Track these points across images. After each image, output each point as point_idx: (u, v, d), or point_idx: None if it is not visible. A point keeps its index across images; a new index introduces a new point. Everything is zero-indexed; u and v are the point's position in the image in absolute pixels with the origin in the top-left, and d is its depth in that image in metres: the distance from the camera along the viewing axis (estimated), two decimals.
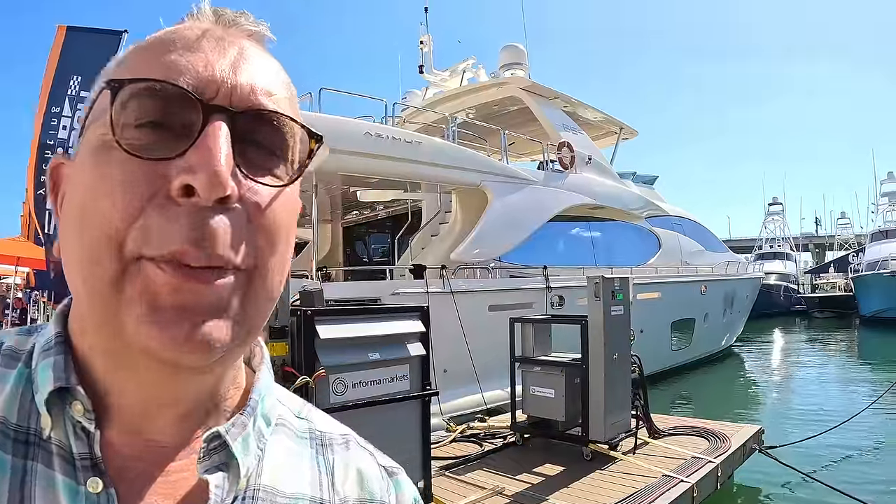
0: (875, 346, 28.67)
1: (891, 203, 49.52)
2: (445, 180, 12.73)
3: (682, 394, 16.17)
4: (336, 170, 10.97)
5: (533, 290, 13.11)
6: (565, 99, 17.54)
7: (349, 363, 5.30)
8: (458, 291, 11.33)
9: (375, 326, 5.59)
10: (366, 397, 5.38)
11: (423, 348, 5.88)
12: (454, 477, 7.22)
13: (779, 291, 47.15)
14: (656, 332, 16.77)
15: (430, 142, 12.39)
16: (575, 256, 15.56)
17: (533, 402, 8.40)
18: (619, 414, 8.04)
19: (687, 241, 20.76)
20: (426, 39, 19.07)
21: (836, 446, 10.55)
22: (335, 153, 10.46)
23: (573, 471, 7.37)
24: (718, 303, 21.08)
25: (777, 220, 65.61)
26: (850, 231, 67.60)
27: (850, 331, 35.55)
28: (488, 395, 11.08)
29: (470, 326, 10.73)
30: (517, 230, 13.55)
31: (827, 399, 15.49)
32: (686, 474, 7.03)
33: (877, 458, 10.28)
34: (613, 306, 8.00)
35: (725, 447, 8.04)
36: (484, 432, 9.13)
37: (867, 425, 11.90)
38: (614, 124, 20.10)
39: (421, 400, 5.86)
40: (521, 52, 18.31)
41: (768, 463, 8.69)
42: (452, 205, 13.93)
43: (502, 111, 18.52)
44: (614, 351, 7.92)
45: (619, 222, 17.55)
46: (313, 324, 5.13)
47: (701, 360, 20.16)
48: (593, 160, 16.97)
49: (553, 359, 8.53)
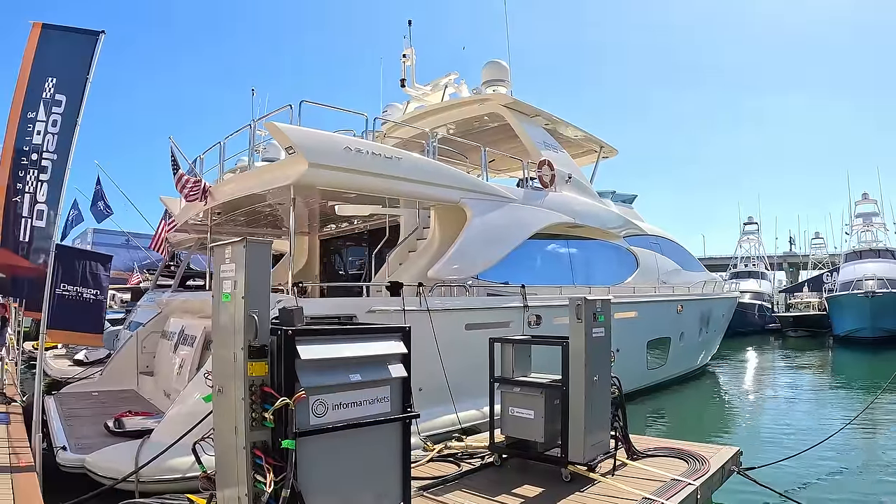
0: (848, 366, 29.07)
1: (865, 224, 50.04)
2: (424, 197, 12.68)
3: (657, 412, 16.23)
4: (314, 184, 10.89)
5: (510, 309, 13.08)
6: (546, 116, 17.59)
7: (330, 384, 5.24)
8: (434, 310, 11.29)
9: (357, 347, 5.54)
10: (346, 419, 5.32)
11: (405, 370, 5.83)
12: (432, 498, 7.19)
13: (753, 310, 47.48)
14: (632, 350, 16.84)
15: (410, 158, 12.35)
16: (553, 275, 15.56)
17: (512, 423, 8.38)
18: (598, 435, 8.05)
19: (664, 261, 20.84)
20: (409, 53, 19.03)
21: (812, 466, 10.68)
22: (314, 167, 10.40)
23: (552, 492, 7.38)
24: (694, 322, 21.19)
25: (752, 239, 66.07)
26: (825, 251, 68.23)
27: (824, 350, 35.94)
28: (463, 414, 11.06)
29: (446, 345, 10.71)
30: (495, 248, 13.51)
31: (801, 419, 15.64)
32: (666, 497, 7.05)
33: (852, 478, 10.40)
34: (595, 328, 8.02)
35: (704, 469, 8.07)
36: (461, 452, 9.11)
37: (842, 445, 12.06)
38: (595, 143, 20.14)
39: (402, 422, 5.81)
40: (503, 68, 18.33)
41: (746, 483, 8.76)
42: (431, 221, 13.89)
43: (483, 127, 18.53)
44: (595, 372, 7.93)
45: (597, 241, 17.56)
46: (294, 344, 5.06)
47: (677, 379, 20.26)
48: (573, 178, 17.00)
49: (533, 380, 8.52)
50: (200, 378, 9.26)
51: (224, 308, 5.41)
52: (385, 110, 20.79)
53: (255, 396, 4.98)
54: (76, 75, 8.43)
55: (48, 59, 8.42)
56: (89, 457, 8.17)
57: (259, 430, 5.00)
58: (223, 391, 5.37)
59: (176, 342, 12.56)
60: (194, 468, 7.56)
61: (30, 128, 8.25)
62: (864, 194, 52.76)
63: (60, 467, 8.20)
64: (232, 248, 5.33)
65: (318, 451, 5.12)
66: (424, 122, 18.08)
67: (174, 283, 18.11)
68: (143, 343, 14.30)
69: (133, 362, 14.19)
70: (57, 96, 8.35)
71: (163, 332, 14.05)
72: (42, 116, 8.30)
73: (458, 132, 18.70)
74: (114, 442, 8.79)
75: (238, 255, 5.19)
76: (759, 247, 65.79)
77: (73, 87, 8.41)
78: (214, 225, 15.40)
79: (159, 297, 15.68)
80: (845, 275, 42.42)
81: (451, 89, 19.28)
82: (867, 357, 30.27)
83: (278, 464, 4.87)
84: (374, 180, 11.45)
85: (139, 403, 12.21)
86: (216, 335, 5.64)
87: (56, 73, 8.43)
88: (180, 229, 16.33)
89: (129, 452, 8.05)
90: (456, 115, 18.01)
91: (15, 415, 10.53)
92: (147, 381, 13.73)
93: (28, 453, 8.09)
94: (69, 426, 10.14)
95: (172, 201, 16.74)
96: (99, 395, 13.03)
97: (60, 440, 8.94)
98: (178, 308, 13.76)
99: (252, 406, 4.97)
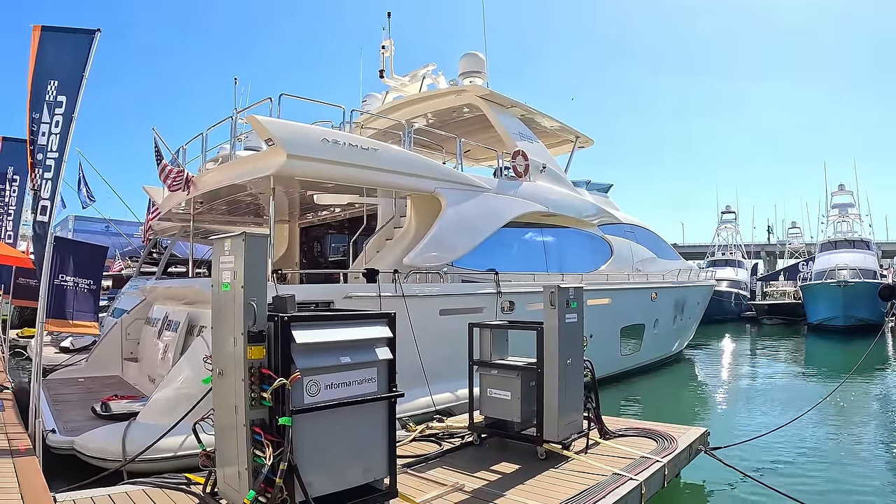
0: (821, 353, 29.62)
1: (840, 214, 50.58)
2: (399, 186, 12.92)
3: (631, 397, 16.58)
4: (293, 175, 11.12)
5: (484, 296, 13.41)
6: (522, 107, 17.87)
7: (322, 366, 5.59)
8: (409, 295, 11.60)
9: (347, 332, 5.88)
10: (337, 398, 5.67)
11: (391, 352, 6.17)
12: (416, 474, 7.55)
13: (730, 298, 48.07)
14: (606, 337, 17.23)
15: (386, 149, 12.58)
16: (527, 262, 15.88)
17: (490, 404, 8.76)
18: (572, 416, 8.44)
19: (639, 249, 21.20)
20: (388, 44, 19.18)
21: (778, 448, 11.16)
22: (293, 158, 10.66)
23: (528, 469, 7.76)
24: (669, 309, 21.58)
25: (730, 227, 66.57)
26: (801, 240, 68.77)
27: (798, 337, 36.43)
28: (437, 397, 11.41)
29: (421, 330, 10.94)
30: (469, 236, 13.82)
31: (772, 403, 16.03)
32: (634, 473, 7.45)
33: (814, 460, 10.80)
34: (568, 314, 8.38)
35: (672, 448, 8.48)
36: (443, 432, 9.48)
37: (808, 429, 12.52)
38: (570, 133, 20.44)
39: (388, 401, 6.16)
40: (480, 60, 18.51)
41: (714, 463, 9.14)
42: (407, 210, 14.15)
43: (460, 118, 18.78)
44: (568, 356, 8.30)
45: (571, 229, 17.87)
46: (290, 329, 5.42)
47: (651, 365, 20.65)
48: (548, 168, 17.30)
49: (510, 363, 8.87)
50: (184, 363, 9.58)
51: (224, 296, 5.74)
52: (365, 100, 20.99)
53: (254, 378, 5.31)
54: (74, 75, 8.67)
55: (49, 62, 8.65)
56: (78, 439, 8.40)
57: (258, 408, 5.34)
58: (223, 374, 5.72)
59: (160, 328, 12.70)
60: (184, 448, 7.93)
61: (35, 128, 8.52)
62: (841, 185, 53.26)
63: (50, 449, 8.41)
64: (231, 241, 5.65)
65: (311, 428, 5.46)
66: (402, 112, 18.33)
67: (158, 270, 18.27)
68: (128, 330, 14.44)
69: (118, 349, 14.35)
70: (58, 98, 8.59)
71: (146, 319, 14.18)
72: (46, 118, 8.55)
73: (435, 122, 19.00)
74: (101, 424, 8.96)
75: (237, 248, 5.51)
76: (736, 235, 66.35)
77: (72, 87, 8.65)
78: (197, 214, 15.62)
79: (143, 284, 15.84)
80: (820, 264, 43.00)
81: (430, 80, 19.47)
82: (839, 345, 30.73)
83: (276, 440, 5.21)
84: (351, 170, 11.70)
85: (125, 388, 12.38)
86: (216, 321, 5.96)
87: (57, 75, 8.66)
88: (164, 218, 16.49)
89: (117, 434, 8.31)
90: (433, 105, 18.28)
91: (7, 401, 10.71)
92: (132, 366, 13.91)
93: (25, 438, 8.31)
94: (57, 410, 10.33)
95: (155, 190, 16.88)
96: (85, 382, 13.18)
97: (49, 424, 9.09)
98: (162, 295, 13.91)
99: (251, 387, 5.30)
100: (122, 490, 6.79)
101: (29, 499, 5.96)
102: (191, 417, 6.97)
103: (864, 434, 12.65)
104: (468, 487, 7.01)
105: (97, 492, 6.72)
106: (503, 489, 6.99)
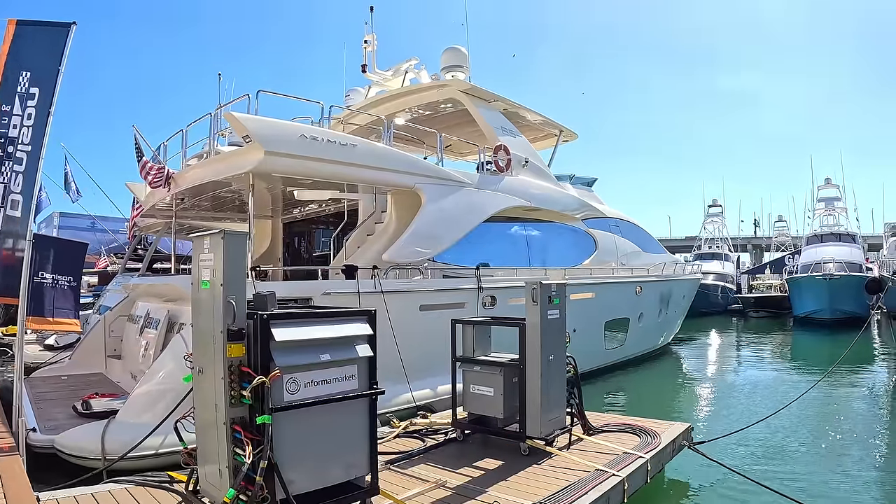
0: (806, 346, 29.70)
1: (827, 208, 50.80)
2: (379, 182, 12.93)
3: (615, 391, 16.66)
4: (271, 171, 11.09)
5: (465, 291, 13.44)
6: (505, 101, 17.82)
7: (302, 364, 5.57)
8: (388, 291, 11.60)
9: (326, 329, 5.86)
10: (317, 396, 5.66)
11: (371, 349, 6.16)
12: (399, 471, 7.56)
13: (716, 291, 48.24)
14: (590, 331, 17.28)
15: (365, 144, 12.57)
16: (509, 257, 15.88)
17: (473, 400, 8.77)
18: (554, 412, 8.46)
19: (624, 243, 21.21)
20: (370, 39, 19.14)
21: (762, 441, 11.20)
22: (270, 155, 10.64)
23: (511, 465, 7.78)
24: (654, 303, 21.67)
25: (716, 221, 66.73)
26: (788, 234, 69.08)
27: (784, 330, 36.61)
28: (417, 393, 11.44)
29: (400, 326, 10.96)
30: (450, 232, 13.81)
31: (756, 396, 16.05)
32: (617, 468, 7.48)
33: (798, 453, 10.86)
34: (550, 310, 8.40)
35: (655, 443, 8.51)
36: (426, 428, 9.49)
37: (792, 422, 12.60)
38: (554, 127, 20.43)
39: (369, 398, 6.15)
40: (462, 54, 18.47)
41: (698, 457, 9.20)
42: (388, 205, 14.13)
43: (443, 112, 18.80)
44: (550, 352, 8.32)
45: (554, 224, 17.87)
46: (269, 327, 5.39)
47: (636, 359, 20.75)
48: (530, 163, 17.28)
49: (492, 359, 8.88)
50: (163, 360, 9.56)
51: (204, 294, 5.73)
52: (348, 95, 20.88)
53: (234, 376, 5.31)
54: (49, 67, 8.58)
55: (22, 54, 8.54)
56: (58, 437, 8.39)
57: (238, 406, 5.33)
58: (203, 371, 5.71)
59: (141, 325, 12.67)
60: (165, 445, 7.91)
61: (5, 121, 8.40)
62: (827, 179, 53.57)
63: (31, 448, 8.38)
64: (211, 240, 5.64)
65: (291, 425, 5.45)
66: (385, 107, 18.33)
67: (142, 266, 18.19)
68: (111, 327, 14.37)
69: (101, 346, 14.26)
70: (31, 89, 8.48)
71: (129, 316, 14.16)
72: (18, 110, 8.42)
73: (418, 117, 18.99)
74: (81, 423, 8.96)
75: (216, 246, 5.50)
76: (722, 229, 66.53)
77: (47, 80, 8.53)
78: (180, 210, 15.55)
79: (127, 281, 15.79)
80: (806, 257, 43.04)
81: (412, 74, 19.44)
82: (825, 337, 30.77)
83: (256, 438, 5.20)
84: (330, 166, 11.68)
85: (107, 386, 12.33)
86: (196, 319, 5.95)
87: (30, 66, 8.55)
88: (147, 214, 16.43)
89: (96, 432, 8.29)
90: (415, 100, 18.24)
91: None
92: (115, 364, 13.86)
93: (8, 437, 8.26)
94: (39, 409, 10.30)
95: (138, 187, 16.78)
96: (68, 379, 13.10)
97: (31, 422, 9.07)
98: (145, 292, 13.86)
99: (231, 385, 5.30)
100: (105, 489, 6.77)
101: (12, 498, 5.92)
102: (172, 415, 6.96)
103: (847, 426, 12.70)
104: (451, 484, 7.03)
105: (81, 490, 6.70)
106: (486, 485, 7.01)
